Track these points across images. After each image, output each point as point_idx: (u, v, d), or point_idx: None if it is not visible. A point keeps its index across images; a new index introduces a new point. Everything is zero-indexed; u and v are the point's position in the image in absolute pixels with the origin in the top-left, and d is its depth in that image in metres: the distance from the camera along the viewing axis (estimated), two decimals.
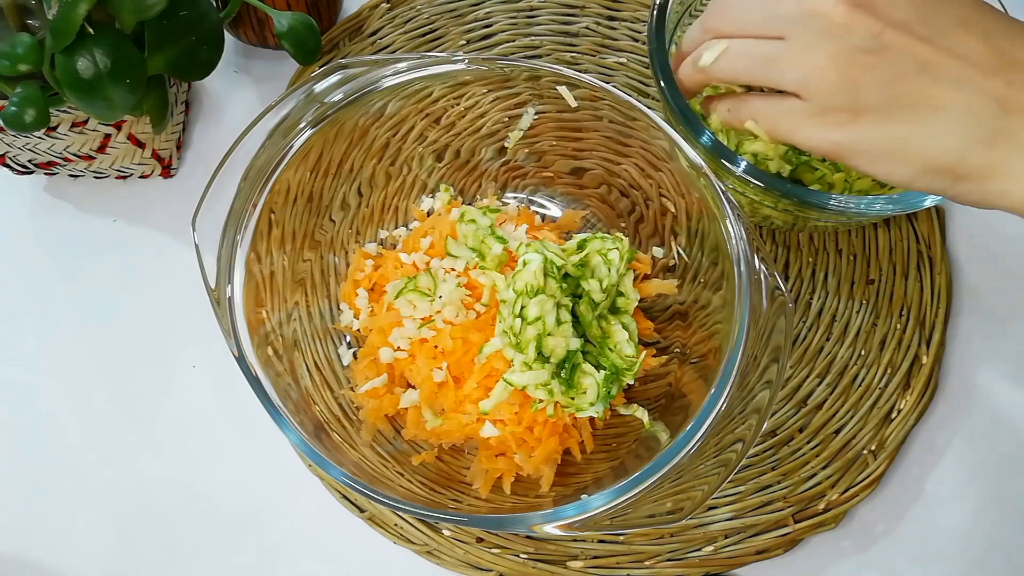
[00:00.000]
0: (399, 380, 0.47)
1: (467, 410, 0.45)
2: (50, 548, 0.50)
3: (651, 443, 0.44)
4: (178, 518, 0.50)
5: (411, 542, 0.48)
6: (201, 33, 0.49)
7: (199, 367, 0.53)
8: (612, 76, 0.59)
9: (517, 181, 0.54)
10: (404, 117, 0.49)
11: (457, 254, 0.47)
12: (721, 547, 0.48)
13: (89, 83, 0.44)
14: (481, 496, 0.44)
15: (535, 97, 0.49)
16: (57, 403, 0.53)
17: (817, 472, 0.49)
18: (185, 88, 0.59)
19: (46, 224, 0.57)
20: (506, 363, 0.44)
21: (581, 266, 0.45)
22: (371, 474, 0.41)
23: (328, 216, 0.50)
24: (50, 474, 0.51)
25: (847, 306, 0.53)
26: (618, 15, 0.61)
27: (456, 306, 0.45)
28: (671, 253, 0.50)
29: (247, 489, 0.51)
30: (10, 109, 0.44)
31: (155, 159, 0.56)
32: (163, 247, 0.56)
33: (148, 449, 0.52)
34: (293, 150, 0.45)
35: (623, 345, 0.45)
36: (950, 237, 0.56)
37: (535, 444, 0.44)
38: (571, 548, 0.48)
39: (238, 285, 0.41)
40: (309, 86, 0.43)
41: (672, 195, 0.48)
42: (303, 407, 0.42)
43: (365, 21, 0.61)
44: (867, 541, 0.49)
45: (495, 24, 0.61)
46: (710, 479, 0.37)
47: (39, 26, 0.45)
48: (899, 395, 0.51)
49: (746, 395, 0.39)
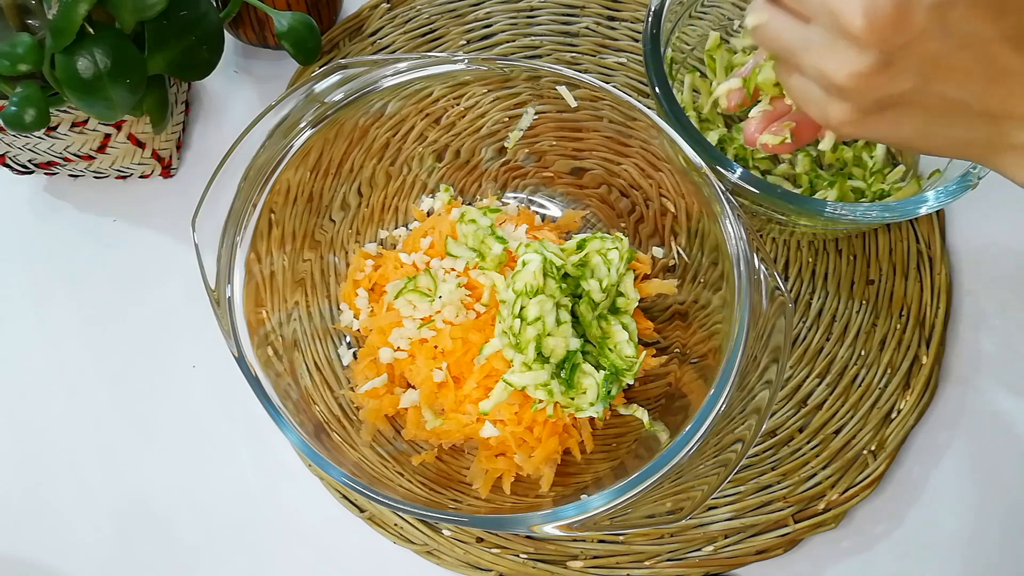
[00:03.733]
0: (399, 380, 0.47)
1: (467, 410, 0.45)
2: (50, 548, 0.50)
3: (651, 443, 0.44)
4: (178, 518, 0.50)
5: (411, 542, 0.48)
6: (201, 33, 0.49)
7: (199, 367, 0.53)
8: (612, 76, 0.59)
9: (517, 181, 0.54)
10: (404, 117, 0.49)
11: (457, 254, 0.47)
12: (721, 547, 0.48)
13: (89, 83, 0.44)
14: (481, 496, 0.44)
15: (535, 97, 0.49)
16: (57, 403, 0.53)
17: (817, 472, 0.49)
18: (185, 88, 0.59)
19: (46, 224, 0.57)
20: (506, 363, 0.44)
21: (581, 266, 0.45)
22: (371, 474, 0.41)
23: (328, 216, 0.50)
24: (50, 474, 0.51)
25: (847, 306, 0.53)
26: (618, 15, 0.61)
27: (456, 306, 0.45)
28: (671, 253, 0.50)
29: (247, 489, 0.51)
30: (10, 109, 0.44)
31: (155, 159, 0.56)
32: (163, 247, 0.56)
33: (148, 449, 0.52)
34: (293, 150, 0.45)
35: (623, 345, 0.45)
36: (950, 237, 0.56)
37: (535, 444, 0.44)
38: (571, 548, 0.48)
39: (238, 285, 0.41)
40: (309, 86, 0.43)
41: (672, 195, 0.48)
42: (303, 407, 0.42)
43: (365, 21, 0.61)
44: (867, 541, 0.49)
45: (495, 24, 0.61)
46: (710, 479, 0.37)
47: (39, 26, 0.45)
48: (899, 395, 0.51)
49: (746, 395, 0.39)
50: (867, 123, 0.33)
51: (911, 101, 0.31)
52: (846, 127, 0.33)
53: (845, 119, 0.33)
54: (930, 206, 0.43)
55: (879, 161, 0.52)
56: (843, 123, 0.33)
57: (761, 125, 0.40)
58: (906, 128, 0.33)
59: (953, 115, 0.32)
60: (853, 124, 0.33)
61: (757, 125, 0.40)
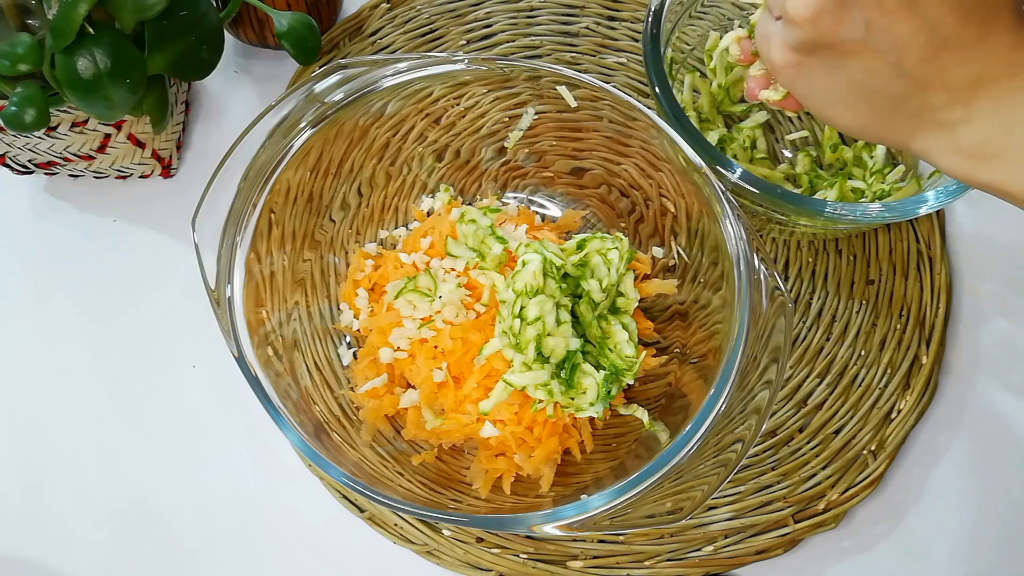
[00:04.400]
0: (399, 380, 0.47)
1: (467, 410, 0.45)
2: (50, 548, 0.50)
3: (651, 443, 0.44)
4: (177, 518, 0.50)
5: (411, 542, 0.48)
6: (201, 33, 0.49)
7: (199, 367, 0.53)
8: (612, 76, 0.59)
9: (517, 181, 0.54)
10: (404, 117, 0.49)
11: (457, 254, 0.47)
12: (721, 547, 0.48)
13: (89, 83, 0.44)
14: (481, 496, 0.44)
15: (535, 97, 0.49)
16: (57, 403, 0.53)
17: (817, 472, 0.49)
18: (185, 88, 0.59)
19: (46, 224, 0.57)
20: (506, 363, 0.44)
21: (581, 266, 0.45)
22: (371, 474, 0.41)
23: (328, 216, 0.50)
24: (50, 474, 0.51)
25: (847, 306, 0.53)
26: (618, 15, 0.61)
27: (456, 306, 0.45)
28: (671, 253, 0.50)
29: (247, 489, 0.51)
30: (10, 109, 0.44)
31: (155, 159, 0.56)
32: (163, 247, 0.56)
33: (148, 449, 0.52)
34: (293, 150, 0.45)
35: (623, 345, 0.45)
36: (950, 237, 0.56)
37: (535, 444, 0.44)
38: (571, 548, 0.48)
39: (238, 285, 0.41)
40: (309, 86, 0.43)
41: (672, 195, 0.48)
42: (303, 407, 0.42)
43: (365, 21, 0.61)
44: (867, 541, 0.49)
45: (495, 24, 0.61)
46: (710, 479, 0.37)
47: (39, 26, 0.45)
48: (899, 395, 0.51)
49: (746, 395, 0.39)
50: (806, 66, 0.33)
51: (852, 52, 0.32)
52: (788, 69, 0.34)
53: (788, 58, 0.33)
54: (930, 206, 0.43)
55: (879, 161, 0.52)
56: (786, 63, 0.34)
57: (763, 82, 0.42)
58: (839, 83, 0.33)
59: (888, 79, 0.32)
60: (794, 67, 0.34)
61: (759, 82, 0.42)
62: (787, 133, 0.56)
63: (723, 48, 0.45)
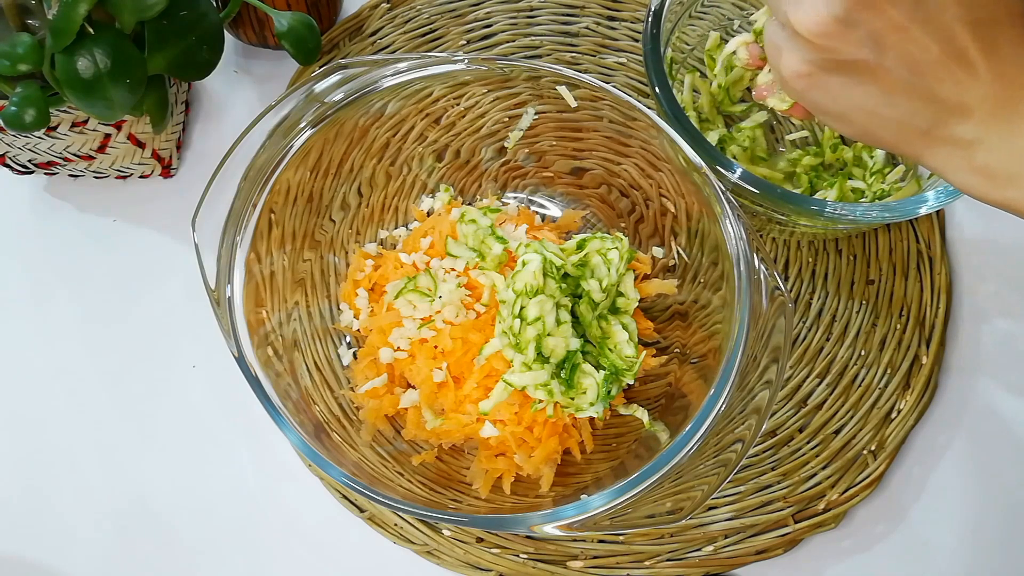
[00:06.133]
0: (399, 380, 0.47)
1: (467, 410, 0.45)
2: (50, 548, 0.50)
3: (651, 443, 0.44)
4: (178, 518, 0.50)
5: (411, 542, 0.48)
6: (201, 33, 0.49)
7: (199, 367, 0.53)
8: (612, 76, 0.59)
9: (517, 181, 0.54)
10: (404, 117, 0.49)
11: (457, 254, 0.47)
12: (721, 547, 0.48)
13: (89, 83, 0.44)
14: (481, 496, 0.44)
15: (535, 97, 0.49)
16: (57, 403, 0.53)
17: (817, 472, 0.49)
18: (185, 88, 0.59)
19: (46, 224, 0.57)
20: (506, 363, 0.44)
21: (581, 266, 0.45)
22: (371, 474, 0.41)
23: (328, 216, 0.50)
24: (50, 474, 0.51)
25: (847, 306, 0.53)
26: (618, 15, 0.61)
27: (456, 306, 0.45)
28: (671, 253, 0.50)
29: (247, 489, 0.51)
30: (10, 109, 0.44)
31: (155, 159, 0.56)
32: (163, 247, 0.56)
33: (148, 449, 0.52)
34: (293, 150, 0.45)
35: (623, 345, 0.45)
36: (950, 237, 0.56)
37: (535, 444, 0.44)
38: (571, 548, 0.48)
39: (238, 285, 0.41)
40: (309, 86, 0.43)
41: (672, 195, 0.48)
42: (303, 407, 0.42)
43: (365, 21, 0.61)
44: (867, 541, 0.49)
45: (495, 24, 0.61)
46: (710, 479, 0.37)
47: (39, 26, 0.45)
48: (899, 395, 0.51)
49: (746, 395, 0.39)
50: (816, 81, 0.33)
51: (863, 71, 0.31)
52: (798, 80, 0.33)
53: (798, 70, 0.33)
54: (930, 206, 0.43)
55: (879, 161, 0.52)
56: (795, 75, 0.33)
57: (774, 88, 0.42)
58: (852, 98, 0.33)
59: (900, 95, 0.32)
60: (804, 78, 0.33)
61: (768, 87, 0.42)
62: (787, 133, 0.56)
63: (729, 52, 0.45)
